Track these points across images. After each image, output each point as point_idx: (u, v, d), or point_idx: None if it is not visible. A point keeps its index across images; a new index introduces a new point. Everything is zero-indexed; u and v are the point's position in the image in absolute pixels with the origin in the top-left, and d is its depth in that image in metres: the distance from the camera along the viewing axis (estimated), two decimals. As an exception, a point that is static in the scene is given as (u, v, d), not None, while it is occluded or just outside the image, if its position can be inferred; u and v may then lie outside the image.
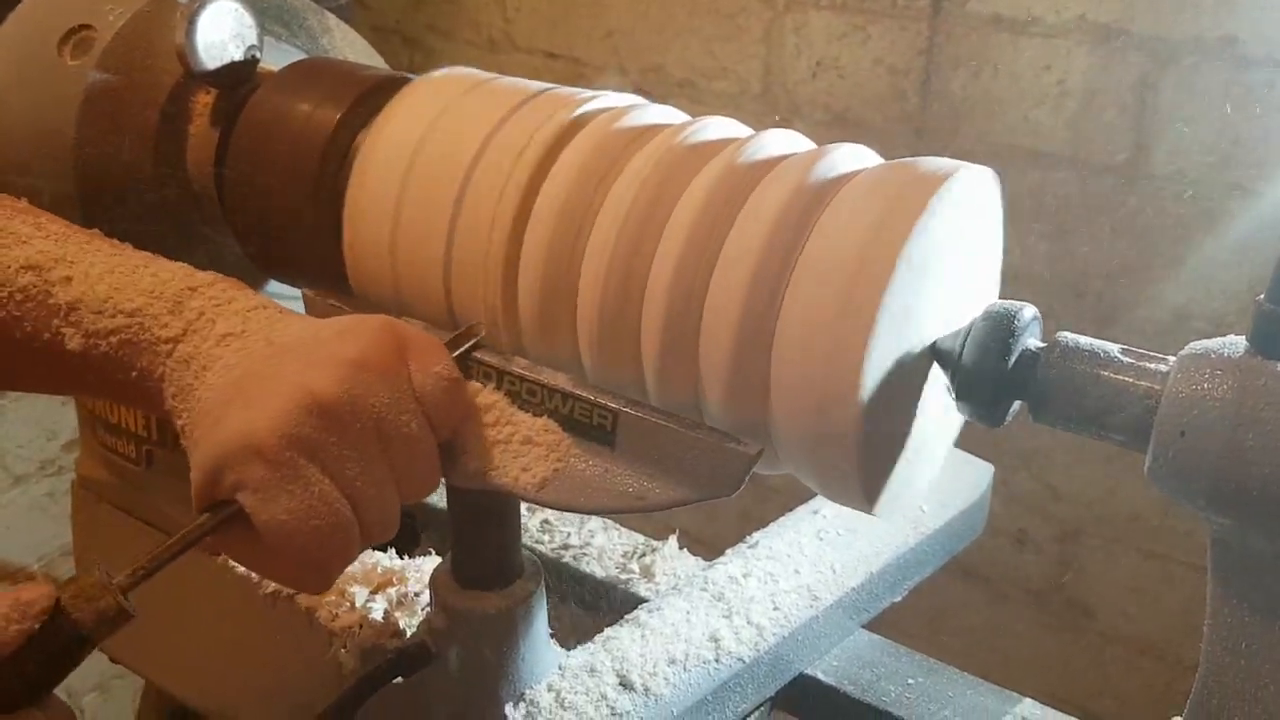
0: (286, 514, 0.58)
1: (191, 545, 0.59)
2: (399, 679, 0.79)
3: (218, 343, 0.63)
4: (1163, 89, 1.36)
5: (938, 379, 0.67)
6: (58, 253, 0.69)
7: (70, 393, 0.70)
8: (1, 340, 0.68)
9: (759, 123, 1.68)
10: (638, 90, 1.78)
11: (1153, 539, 1.58)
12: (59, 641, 0.54)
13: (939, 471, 0.75)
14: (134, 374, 0.65)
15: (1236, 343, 0.58)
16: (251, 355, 0.62)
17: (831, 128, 1.61)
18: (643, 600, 0.92)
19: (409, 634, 0.83)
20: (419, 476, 0.62)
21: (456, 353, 0.68)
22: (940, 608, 1.77)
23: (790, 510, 0.96)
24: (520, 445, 0.70)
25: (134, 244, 0.88)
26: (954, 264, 0.65)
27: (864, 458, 0.62)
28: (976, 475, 0.98)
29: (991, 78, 1.46)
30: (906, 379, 0.65)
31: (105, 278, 0.68)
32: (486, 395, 0.71)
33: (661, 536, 1.02)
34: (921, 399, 0.67)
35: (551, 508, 0.73)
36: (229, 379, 0.61)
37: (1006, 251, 0.71)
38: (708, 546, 1.15)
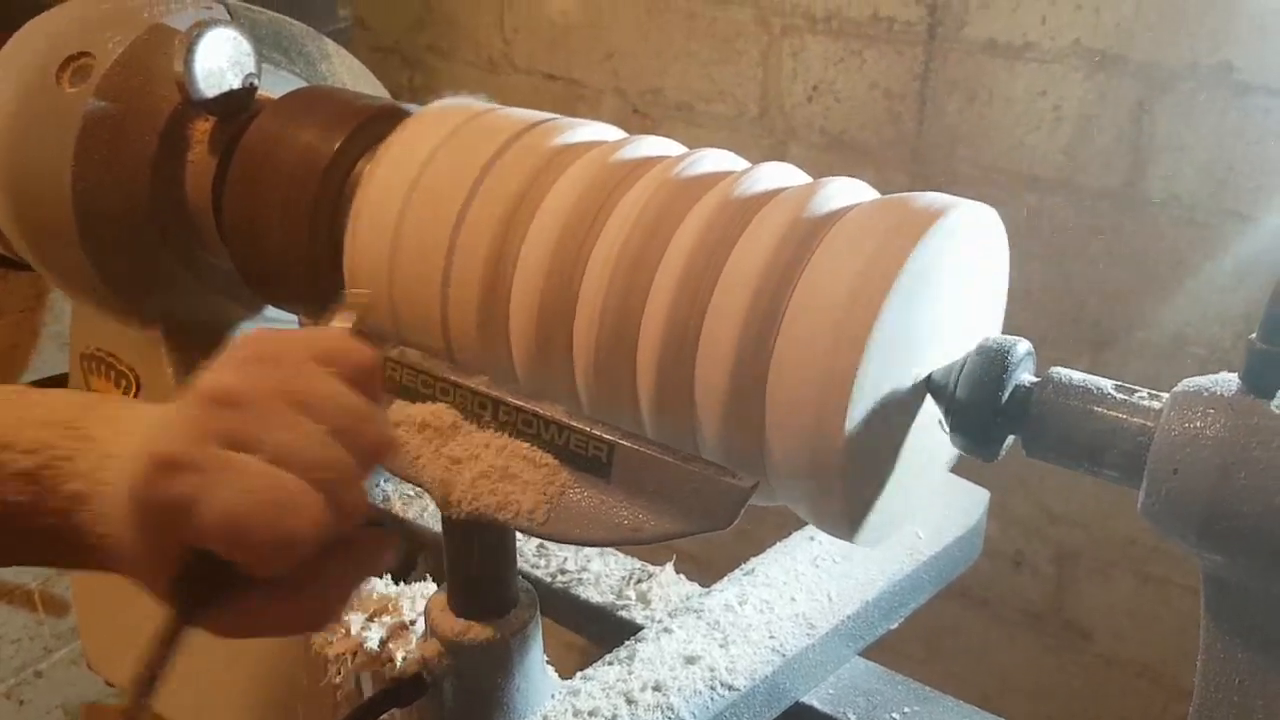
0: (231, 502, 0.53)
1: (180, 629, 0.55)
2: (394, 709, 0.79)
3: (114, 442, 0.58)
4: (1159, 115, 1.36)
5: (933, 409, 0.67)
6: None
7: None
8: None
9: (756, 144, 1.68)
10: (635, 112, 1.79)
11: (1150, 562, 1.58)
12: None
13: (935, 494, 0.75)
14: (50, 520, 0.57)
15: (1229, 380, 0.58)
16: (150, 425, 0.57)
17: (828, 151, 1.62)
18: (639, 627, 0.92)
19: (403, 661, 0.83)
20: (359, 432, 0.57)
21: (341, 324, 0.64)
22: (937, 629, 1.77)
23: (787, 530, 0.96)
24: (516, 476, 0.71)
25: (132, 271, 0.89)
26: (950, 298, 0.65)
27: (849, 490, 0.62)
28: (972, 501, 0.98)
29: (987, 103, 1.46)
30: (898, 411, 0.65)
31: None
32: (482, 433, 0.71)
33: (658, 560, 1.02)
34: (915, 428, 0.67)
35: (547, 539, 0.73)
36: (131, 451, 0.56)
37: (1003, 277, 0.71)
38: (704, 565, 1.15)
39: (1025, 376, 0.65)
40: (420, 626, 0.87)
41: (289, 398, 0.56)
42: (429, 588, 0.92)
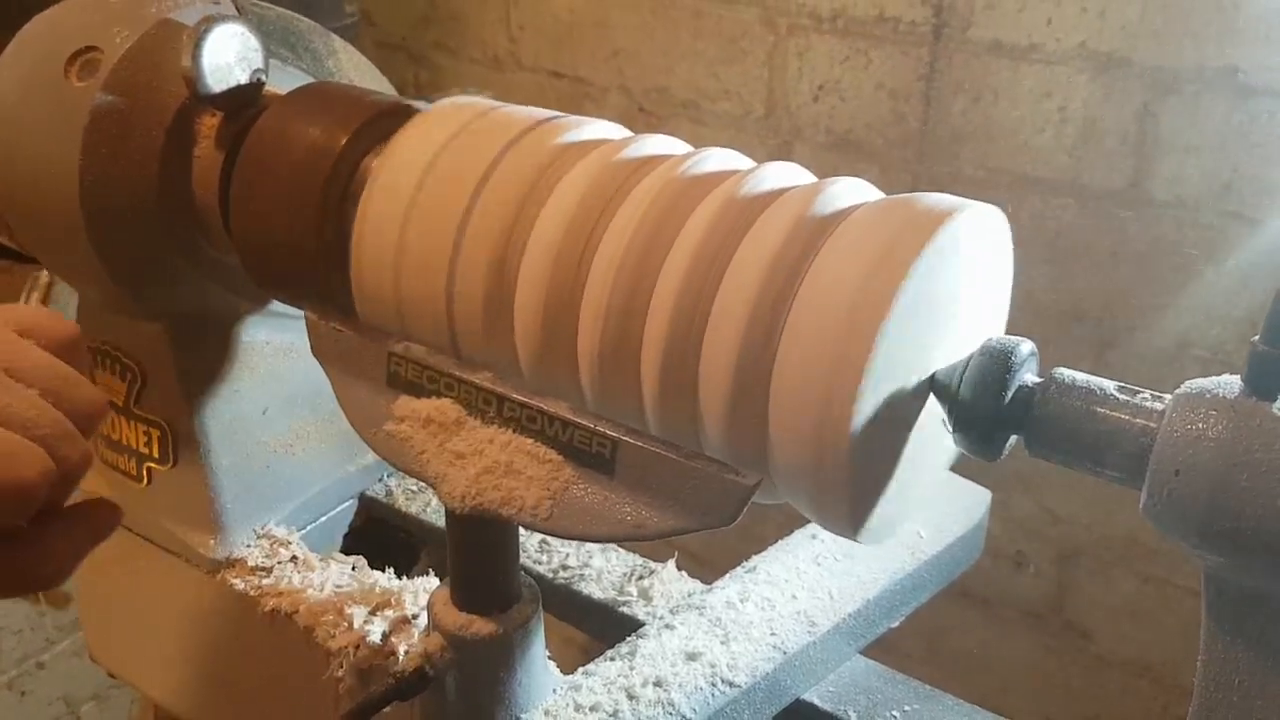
0: None
1: None
2: (396, 702, 0.79)
3: None
4: (1164, 117, 1.37)
5: (935, 408, 0.68)
6: None
7: None
8: None
9: (762, 144, 1.68)
10: (641, 110, 1.79)
11: (1150, 562, 1.58)
12: None
13: (936, 493, 0.75)
14: None
15: (1232, 383, 0.58)
16: None
17: (833, 150, 1.62)
18: (640, 623, 0.93)
19: (405, 656, 0.83)
20: (70, 396, 0.60)
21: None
22: (938, 628, 1.78)
23: (790, 528, 0.96)
24: (520, 472, 0.71)
25: (138, 265, 0.90)
26: (956, 298, 0.65)
27: (853, 489, 0.63)
28: (974, 501, 0.99)
29: (992, 104, 1.46)
30: (902, 411, 0.65)
31: None
32: (486, 429, 0.71)
33: (660, 557, 1.02)
34: (918, 427, 0.68)
35: (551, 535, 0.74)
36: None
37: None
38: (706, 562, 1.15)
39: (1028, 377, 0.65)
40: (423, 621, 0.87)
41: (4, 367, 0.58)
42: (432, 582, 0.93)
